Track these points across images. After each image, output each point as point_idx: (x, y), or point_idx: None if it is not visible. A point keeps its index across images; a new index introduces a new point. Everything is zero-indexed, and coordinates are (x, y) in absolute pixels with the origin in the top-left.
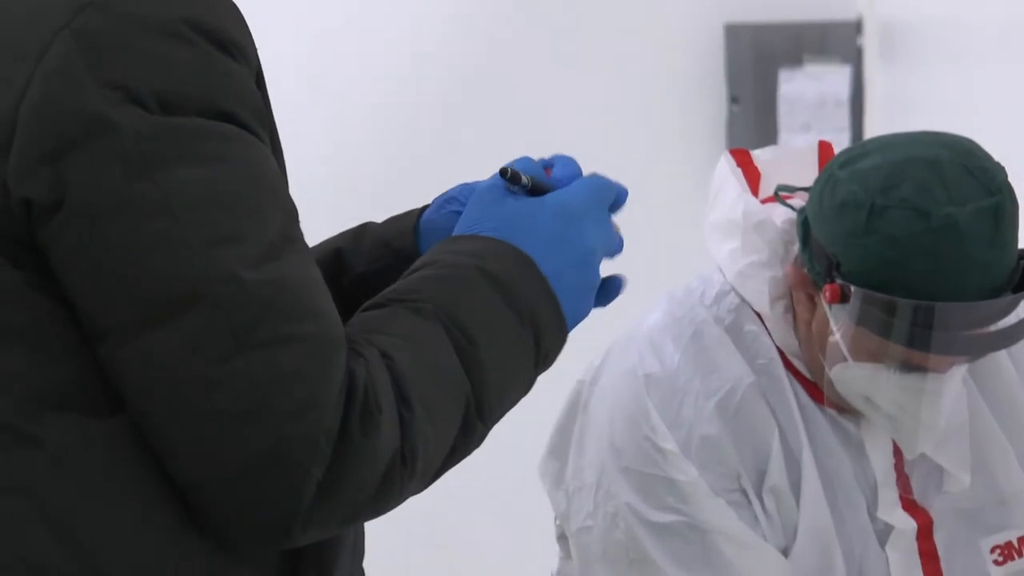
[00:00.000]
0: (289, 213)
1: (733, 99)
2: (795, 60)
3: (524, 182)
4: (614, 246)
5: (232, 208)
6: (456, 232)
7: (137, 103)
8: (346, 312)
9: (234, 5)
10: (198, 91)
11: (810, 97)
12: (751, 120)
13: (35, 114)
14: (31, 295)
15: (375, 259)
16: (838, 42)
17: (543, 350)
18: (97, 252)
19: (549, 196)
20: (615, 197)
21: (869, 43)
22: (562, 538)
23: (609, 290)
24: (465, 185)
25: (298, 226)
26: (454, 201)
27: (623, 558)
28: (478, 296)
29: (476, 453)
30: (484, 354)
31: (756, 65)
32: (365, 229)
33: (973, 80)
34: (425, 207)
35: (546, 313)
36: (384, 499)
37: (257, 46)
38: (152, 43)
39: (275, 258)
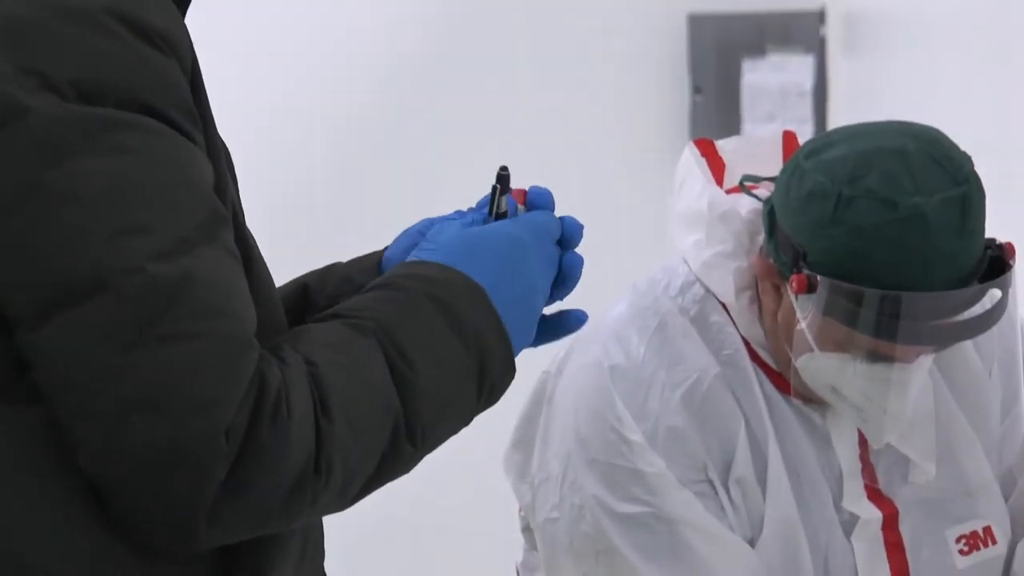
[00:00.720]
0: (212, 211)
1: (696, 89)
2: (758, 50)
3: (502, 206)
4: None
5: (141, 200)
6: (412, 257)
7: (53, 90)
8: None
9: None
10: (117, 82)
11: (773, 87)
12: (714, 110)
13: None
14: None
15: (337, 294)
16: (801, 32)
17: (488, 382)
18: (5, 237)
19: (501, 225)
20: (563, 231)
21: (832, 33)
22: (527, 530)
23: (570, 322)
24: (427, 220)
25: (224, 226)
26: (418, 235)
27: (590, 549)
28: (422, 319)
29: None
30: (421, 377)
31: (719, 55)
32: (332, 268)
33: (936, 69)
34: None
35: (494, 345)
36: (295, 507)
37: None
38: (73, 31)
39: (185, 253)
